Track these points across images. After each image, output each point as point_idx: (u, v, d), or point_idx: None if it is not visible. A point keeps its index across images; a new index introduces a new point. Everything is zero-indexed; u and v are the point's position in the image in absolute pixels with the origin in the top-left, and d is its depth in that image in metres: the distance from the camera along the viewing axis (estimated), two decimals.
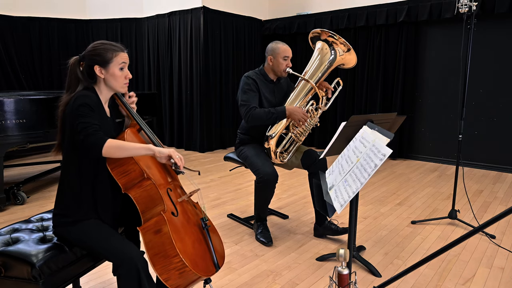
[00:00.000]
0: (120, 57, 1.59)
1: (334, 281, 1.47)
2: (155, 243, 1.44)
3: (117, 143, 1.45)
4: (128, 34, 6.59)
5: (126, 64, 1.63)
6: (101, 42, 1.62)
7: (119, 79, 1.60)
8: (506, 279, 2.22)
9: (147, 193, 1.52)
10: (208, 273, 1.52)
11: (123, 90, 1.65)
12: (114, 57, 1.58)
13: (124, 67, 1.61)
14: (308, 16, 6.14)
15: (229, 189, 4.04)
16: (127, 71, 1.63)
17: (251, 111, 2.58)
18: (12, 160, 5.28)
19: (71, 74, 1.59)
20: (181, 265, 1.41)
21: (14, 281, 1.43)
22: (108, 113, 1.67)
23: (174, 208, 1.57)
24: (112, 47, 1.60)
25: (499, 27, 4.67)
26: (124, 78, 1.62)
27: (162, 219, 1.46)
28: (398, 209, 3.43)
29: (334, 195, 1.57)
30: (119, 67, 1.59)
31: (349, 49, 2.63)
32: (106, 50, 1.57)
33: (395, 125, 2.33)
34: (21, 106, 3.11)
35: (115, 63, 1.58)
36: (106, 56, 1.57)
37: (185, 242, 1.49)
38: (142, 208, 1.53)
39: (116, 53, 1.59)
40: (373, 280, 2.21)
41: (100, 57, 1.57)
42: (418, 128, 5.47)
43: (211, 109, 5.99)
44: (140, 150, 1.48)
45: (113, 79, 1.59)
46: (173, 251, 1.41)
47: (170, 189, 1.62)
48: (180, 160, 1.56)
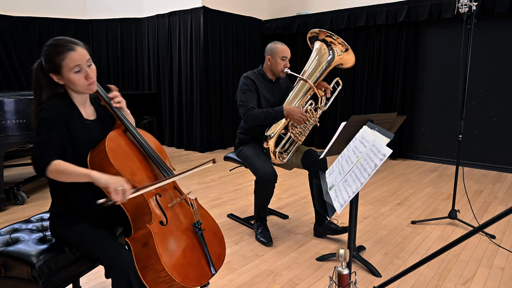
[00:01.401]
0: (70, 60, 1.39)
1: (334, 281, 1.47)
2: (142, 256, 1.40)
3: (59, 168, 1.34)
4: (128, 34, 6.59)
5: (83, 64, 1.42)
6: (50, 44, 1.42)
7: (78, 83, 1.42)
8: (506, 279, 2.22)
9: (135, 201, 1.46)
10: (202, 280, 1.48)
11: (89, 91, 1.49)
12: (63, 61, 1.39)
13: (80, 69, 1.42)
14: (308, 16, 6.14)
15: (229, 189, 4.04)
16: (86, 70, 1.43)
17: (249, 112, 2.59)
18: (12, 160, 5.28)
19: (35, 81, 1.45)
20: (169, 279, 1.37)
21: (14, 281, 1.43)
22: (91, 114, 1.57)
23: (163, 216, 1.50)
24: (59, 49, 1.39)
25: (499, 27, 4.67)
26: (84, 79, 1.43)
27: (148, 232, 1.41)
28: (398, 209, 3.43)
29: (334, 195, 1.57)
30: (72, 71, 1.40)
31: (347, 49, 2.63)
32: (53, 55, 1.39)
33: (395, 125, 2.33)
34: (21, 106, 3.11)
35: (66, 69, 1.40)
36: (55, 62, 1.39)
37: (174, 253, 1.44)
38: (132, 215, 1.48)
39: (64, 56, 1.39)
40: (373, 280, 2.21)
41: (50, 63, 1.40)
42: (418, 128, 5.47)
43: (211, 109, 5.99)
44: (80, 177, 1.34)
45: (71, 84, 1.43)
46: (159, 266, 1.37)
47: (159, 195, 1.55)
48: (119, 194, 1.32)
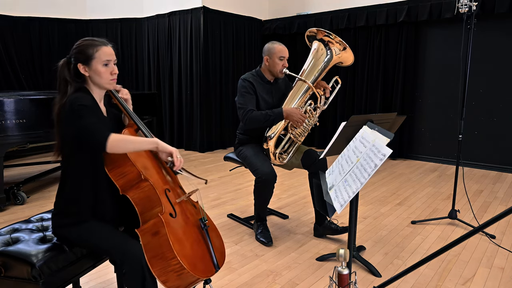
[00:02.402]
0: (103, 52, 1.54)
1: (334, 281, 1.47)
2: (153, 245, 1.43)
3: (121, 137, 1.44)
4: (128, 34, 6.59)
5: (112, 60, 1.57)
6: (84, 39, 1.57)
7: (104, 75, 1.55)
8: (506, 279, 2.22)
9: (145, 194, 1.52)
10: (208, 274, 1.51)
11: (110, 87, 1.61)
12: (96, 52, 1.53)
13: (108, 63, 1.56)
14: (308, 16, 6.14)
15: (229, 189, 4.04)
16: (113, 66, 1.57)
17: (248, 114, 2.58)
18: (12, 160, 5.28)
19: (60, 76, 1.55)
20: (179, 267, 1.40)
21: (14, 281, 1.43)
22: (105, 111, 1.66)
23: (172, 209, 1.56)
24: (94, 42, 1.54)
25: (499, 27, 4.67)
26: (110, 74, 1.56)
27: (160, 221, 1.45)
28: (398, 209, 3.43)
29: (334, 195, 1.57)
30: (102, 63, 1.54)
31: (345, 48, 2.63)
32: (87, 46, 1.53)
33: (395, 125, 2.33)
34: (21, 106, 3.11)
35: (97, 60, 1.53)
36: (88, 53, 1.52)
37: (183, 243, 1.49)
38: (140, 210, 1.52)
39: (98, 48, 1.53)
40: (373, 280, 2.21)
41: (82, 54, 1.53)
42: (418, 128, 5.47)
43: (211, 109, 5.99)
44: (144, 143, 1.49)
45: (97, 75, 1.54)
46: (171, 253, 1.40)
47: (168, 190, 1.61)
48: (178, 161, 1.55)
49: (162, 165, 1.71)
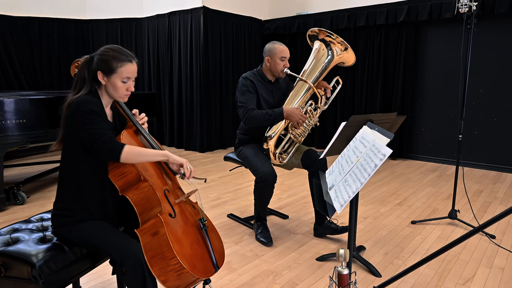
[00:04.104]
0: (126, 70, 1.54)
1: (334, 281, 1.47)
2: (152, 245, 1.43)
3: (134, 149, 1.47)
4: (128, 34, 6.59)
5: (131, 78, 1.58)
6: (112, 48, 1.56)
7: (119, 91, 1.56)
8: (506, 279, 2.22)
9: (144, 195, 1.52)
10: (207, 273, 1.52)
11: (122, 100, 1.62)
12: (119, 67, 1.53)
13: (128, 81, 1.56)
14: (308, 16, 6.14)
15: (229, 189, 4.04)
16: (130, 84, 1.58)
17: (248, 113, 2.58)
18: (12, 160, 5.28)
19: (80, 73, 1.57)
20: (179, 267, 1.40)
21: (14, 281, 1.43)
22: (110, 117, 1.67)
23: (171, 209, 1.56)
24: (121, 56, 1.54)
25: (499, 27, 4.67)
26: (126, 90, 1.58)
27: (159, 221, 1.46)
28: (398, 209, 3.43)
29: (334, 195, 1.57)
30: (122, 79, 1.54)
31: (346, 48, 2.63)
32: (113, 59, 1.53)
33: (395, 125, 2.33)
34: (21, 106, 3.11)
35: (118, 74, 1.53)
36: (111, 65, 1.52)
37: (183, 243, 1.49)
38: (139, 210, 1.53)
39: (122, 64, 1.54)
40: (373, 280, 2.21)
41: (106, 64, 1.53)
42: (418, 128, 5.47)
43: (211, 109, 5.99)
44: (157, 156, 1.53)
45: (113, 89, 1.56)
46: (171, 253, 1.41)
47: (167, 190, 1.62)
48: (189, 171, 1.59)
49: (161, 166, 1.71)
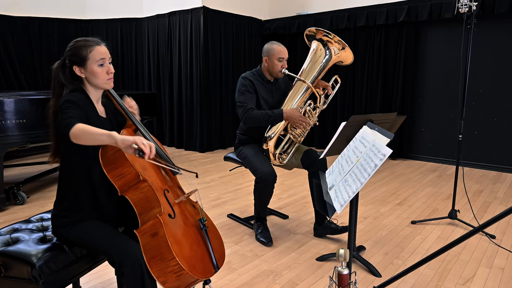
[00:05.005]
0: (97, 52, 1.52)
1: (334, 281, 1.47)
2: (151, 246, 1.43)
3: (82, 127, 1.34)
4: (128, 34, 6.59)
5: (106, 59, 1.55)
6: (76, 40, 1.55)
7: (100, 76, 1.54)
8: (506, 279, 2.22)
9: (144, 195, 1.51)
10: (207, 274, 1.51)
11: (108, 86, 1.59)
12: (89, 53, 1.51)
13: (104, 63, 1.54)
14: (308, 16, 6.14)
15: (229, 189, 4.04)
16: (108, 65, 1.56)
17: (248, 112, 2.58)
18: (12, 160, 5.28)
19: (54, 79, 1.55)
20: (178, 268, 1.40)
21: (14, 281, 1.43)
22: (103, 112, 1.64)
23: (171, 210, 1.56)
24: (87, 43, 1.52)
25: (499, 27, 4.67)
26: (106, 73, 1.55)
27: (159, 222, 1.45)
28: (398, 209, 3.43)
29: (334, 195, 1.57)
30: (97, 63, 1.52)
31: (343, 47, 2.63)
32: (80, 48, 1.51)
33: (395, 125, 2.33)
34: (21, 106, 3.11)
35: (92, 60, 1.51)
36: (82, 54, 1.51)
37: (182, 244, 1.49)
38: (139, 210, 1.52)
39: (91, 48, 1.51)
40: (373, 280, 2.21)
41: (76, 56, 1.51)
42: (418, 128, 5.47)
43: (211, 109, 5.99)
44: (102, 136, 1.32)
45: (93, 76, 1.53)
46: (170, 254, 1.40)
47: (167, 191, 1.61)
48: (147, 147, 1.31)
49: (161, 166, 1.71)
